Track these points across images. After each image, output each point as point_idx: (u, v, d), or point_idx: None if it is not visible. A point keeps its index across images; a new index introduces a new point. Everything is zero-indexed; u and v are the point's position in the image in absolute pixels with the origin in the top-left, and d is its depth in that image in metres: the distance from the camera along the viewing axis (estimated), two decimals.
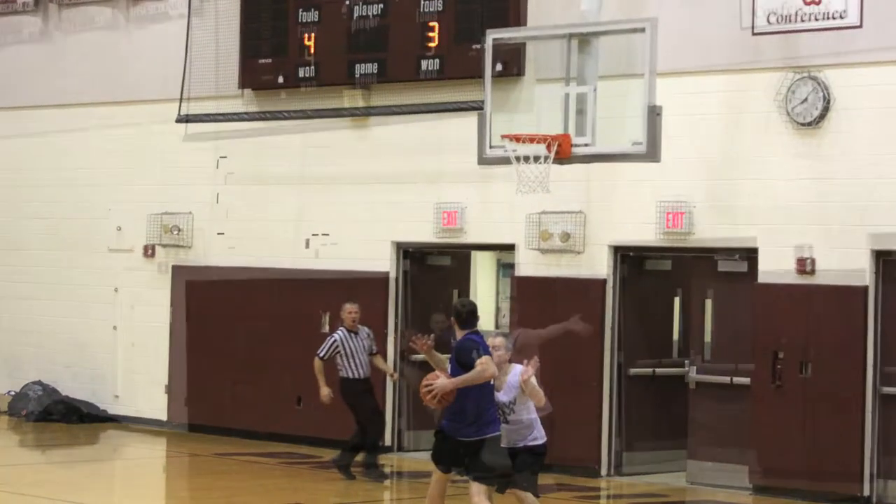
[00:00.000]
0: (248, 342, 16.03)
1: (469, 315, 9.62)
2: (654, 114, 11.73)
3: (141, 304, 17.06)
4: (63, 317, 17.70)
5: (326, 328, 15.38)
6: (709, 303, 13.62)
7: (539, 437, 9.87)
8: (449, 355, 9.68)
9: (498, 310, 17.82)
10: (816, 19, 12.81)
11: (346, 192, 15.49)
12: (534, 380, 9.63)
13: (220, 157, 16.37)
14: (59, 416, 17.14)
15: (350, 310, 13.57)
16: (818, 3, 12.78)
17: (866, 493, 12.52)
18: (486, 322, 16.91)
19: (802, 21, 12.87)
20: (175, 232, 16.64)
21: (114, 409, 17.25)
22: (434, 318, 11.91)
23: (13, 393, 17.76)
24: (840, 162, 12.69)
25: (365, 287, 15.15)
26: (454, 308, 9.80)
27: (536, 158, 11.92)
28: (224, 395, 16.18)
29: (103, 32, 17.45)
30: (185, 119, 16.14)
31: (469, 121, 13.06)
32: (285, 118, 15.68)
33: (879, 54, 12.49)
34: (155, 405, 16.80)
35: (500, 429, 9.62)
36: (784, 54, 12.95)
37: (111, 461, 15.69)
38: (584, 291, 13.79)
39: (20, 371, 17.80)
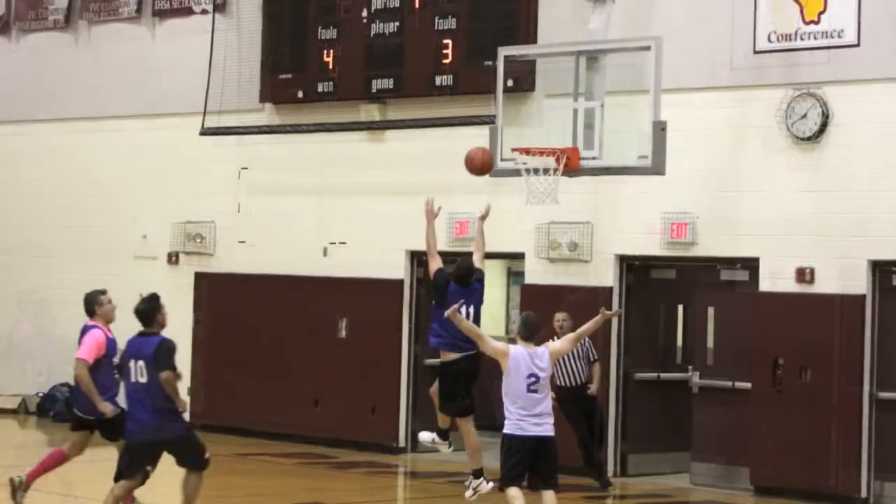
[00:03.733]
0: (268, 346, 15.96)
1: (457, 274, 10.94)
2: (659, 129, 11.73)
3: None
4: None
5: (343, 333, 15.46)
6: (711, 311, 13.57)
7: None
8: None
9: (509, 317, 17.79)
10: (815, 38, 12.79)
11: (362, 202, 15.47)
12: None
13: (242, 168, 16.37)
14: None
15: (558, 318, 12.91)
16: (817, 23, 12.77)
17: (864, 494, 12.53)
18: (496, 328, 16.86)
19: (802, 40, 12.85)
20: (198, 240, 16.62)
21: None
22: None
23: (42, 394, 17.75)
24: (838, 175, 12.68)
25: (380, 293, 15.19)
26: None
27: (546, 171, 11.90)
28: (244, 397, 16.09)
29: (130, 48, 17.45)
30: (208, 131, 16.11)
31: (481, 134, 12.96)
32: (305, 131, 15.69)
33: (876, 72, 12.49)
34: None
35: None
36: (784, 72, 12.93)
37: None
38: (590, 300, 13.58)
39: (48, 373, 17.71)
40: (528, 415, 9.61)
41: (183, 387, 11.20)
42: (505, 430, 9.74)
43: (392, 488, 13.81)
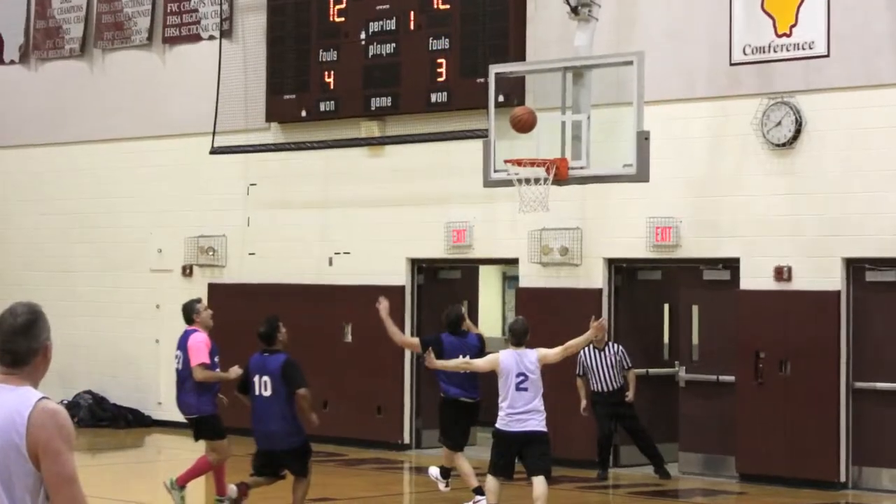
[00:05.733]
0: None
1: (447, 324, 11.52)
2: (643, 138, 11.77)
3: (181, 320, 17.08)
4: (110, 332, 17.55)
5: (349, 338, 15.44)
6: (695, 309, 13.60)
7: None
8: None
9: (504, 319, 17.77)
10: (788, 49, 12.91)
11: (364, 214, 15.47)
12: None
13: (251, 185, 16.33)
14: (109, 422, 17.14)
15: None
16: (789, 35, 12.95)
17: (843, 479, 12.59)
18: (493, 330, 16.80)
19: (775, 52, 12.94)
20: (211, 253, 16.58)
21: (157, 415, 17.12)
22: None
23: (66, 402, 17.85)
24: (812, 179, 12.70)
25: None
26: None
27: (537, 180, 11.96)
28: None
29: (143, 74, 17.38)
30: (218, 150, 16.08)
31: (475, 146, 13.05)
32: (308, 149, 15.61)
33: (845, 81, 12.55)
34: None
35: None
36: (759, 82, 12.96)
37: (156, 462, 15.61)
38: (581, 301, 13.67)
39: (72, 382, 17.54)
40: (514, 412, 9.96)
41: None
42: (496, 424, 10.18)
43: (399, 483, 13.77)
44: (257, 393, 10.10)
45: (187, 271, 16.98)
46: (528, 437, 9.99)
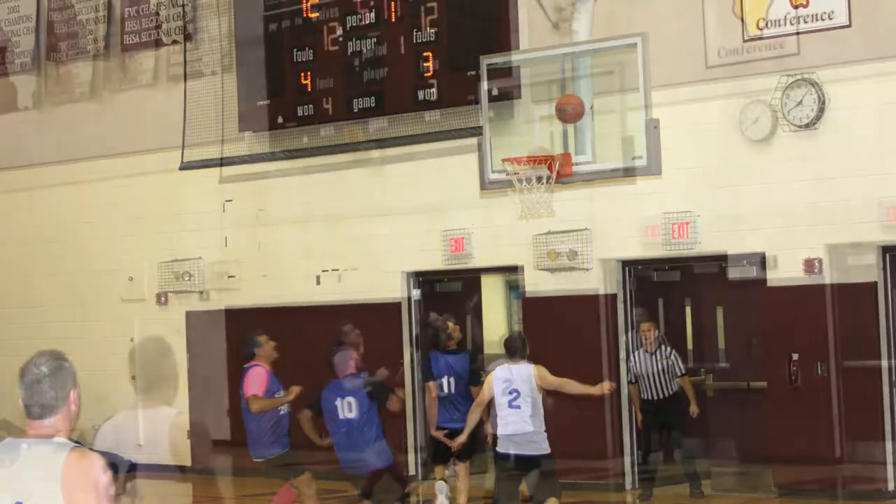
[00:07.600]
0: None
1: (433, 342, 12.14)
2: (652, 127, 11.50)
3: (155, 354, 16.83)
4: (81, 370, 17.40)
5: None
6: (720, 310, 13.43)
7: None
8: None
9: (510, 331, 17.61)
10: (805, 22, 12.69)
11: (352, 226, 15.22)
12: None
13: (226, 201, 16.13)
14: None
15: (643, 328, 13.11)
16: (806, 6, 12.73)
17: (891, 487, 12.33)
18: (498, 345, 16.67)
19: (791, 24, 12.72)
20: (186, 278, 16.44)
21: (137, 458, 17.02)
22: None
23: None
24: (839, 161, 12.46)
25: (378, 316, 14.84)
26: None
27: (539, 179, 11.68)
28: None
29: (101, 85, 17.19)
30: (188, 166, 15.77)
31: (469, 147, 12.81)
32: (287, 158, 15.38)
33: (869, 52, 12.30)
34: (178, 451, 16.36)
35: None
36: (776, 58, 12.74)
37: None
38: (594, 308, 13.58)
39: None
40: (508, 433, 10.07)
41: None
42: (496, 448, 10.29)
43: None
44: (342, 416, 10.67)
45: (162, 299, 16.75)
46: (528, 461, 9.96)
